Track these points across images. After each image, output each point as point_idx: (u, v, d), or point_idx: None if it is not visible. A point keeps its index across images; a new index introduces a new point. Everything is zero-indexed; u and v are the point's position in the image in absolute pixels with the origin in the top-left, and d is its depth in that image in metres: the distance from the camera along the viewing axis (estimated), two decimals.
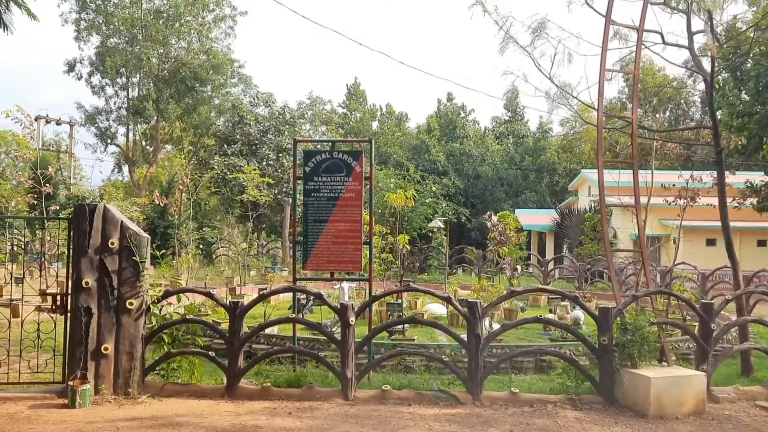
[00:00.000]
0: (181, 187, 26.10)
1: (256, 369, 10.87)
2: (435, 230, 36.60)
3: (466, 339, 9.31)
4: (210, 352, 9.29)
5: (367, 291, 10.84)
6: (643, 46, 12.01)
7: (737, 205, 23.43)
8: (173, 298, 10.09)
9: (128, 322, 8.83)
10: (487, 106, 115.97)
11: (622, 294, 10.74)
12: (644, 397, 8.89)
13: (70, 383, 8.41)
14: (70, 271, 8.90)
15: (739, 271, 11.87)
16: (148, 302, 9.11)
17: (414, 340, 12.78)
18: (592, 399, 9.33)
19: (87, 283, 8.69)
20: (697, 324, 10.51)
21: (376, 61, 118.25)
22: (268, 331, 12.97)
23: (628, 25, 11.92)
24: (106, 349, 8.70)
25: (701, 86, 51.11)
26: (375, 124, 67.27)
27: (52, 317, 9.10)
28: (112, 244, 8.77)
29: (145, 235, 9.04)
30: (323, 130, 57.26)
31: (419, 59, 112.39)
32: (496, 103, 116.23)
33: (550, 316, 16.32)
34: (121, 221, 8.90)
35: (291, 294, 11.20)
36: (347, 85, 68.85)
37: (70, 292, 8.88)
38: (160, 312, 9.46)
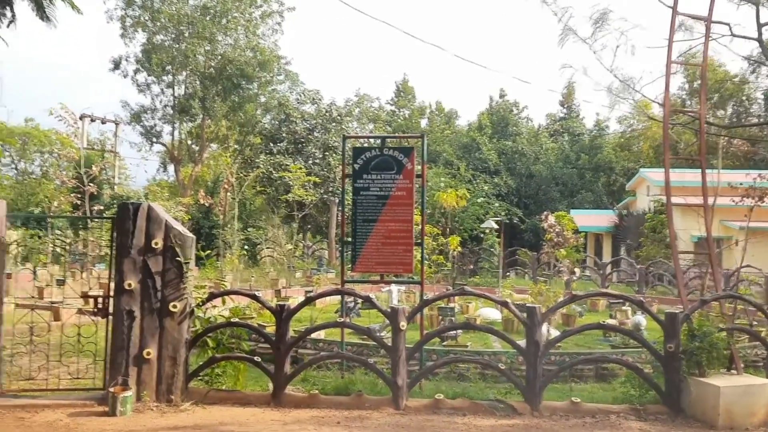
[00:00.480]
0: (226, 187, 25.97)
1: (303, 375, 10.51)
2: (487, 231, 35.97)
3: (524, 346, 8.81)
4: (255, 357, 8.95)
5: (417, 294, 10.44)
6: (711, 38, 11.34)
7: None
8: (217, 301, 9.78)
9: (171, 325, 8.54)
10: (541, 103, 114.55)
11: (687, 299, 10.12)
12: (713, 407, 8.31)
13: (111, 390, 8.14)
14: (112, 272, 8.64)
15: None
16: (192, 305, 8.81)
17: (467, 346, 12.28)
18: (657, 409, 8.77)
19: (130, 284, 8.42)
20: (765, 330, 9.88)
21: (426, 57, 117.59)
22: (314, 335, 12.65)
23: (695, 16, 11.25)
24: (148, 353, 8.42)
25: (766, 82, 49.41)
26: (424, 122, 66.53)
27: (93, 320, 8.87)
28: (156, 244, 8.50)
29: (190, 235, 8.75)
30: (371, 127, 56.92)
31: (471, 53, 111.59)
32: (550, 99, 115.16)
33: (610, 321, 15.68)
34: (166, 221, 8.62)
35: (338, 297, 10.80)
36: (396, 82, 68.52)
37: (112, 294, 8.63)
38: (204, 315, 9.17)
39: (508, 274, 34.35)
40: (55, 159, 50.16)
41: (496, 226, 23.46)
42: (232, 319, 9.26)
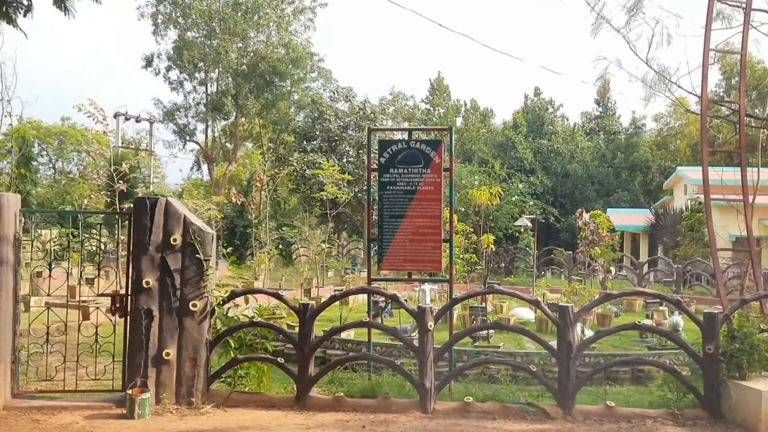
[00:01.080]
0: (258, 185, 25.82)
1: (330, 377, 10.25)
2: (522, 230, 35.49)
3: (556, 347, 8.46)
4: (279, 359, 8.71)
5: (447, 295, 10.13)
6: (750, 26, 10.87)
7: None
8: (243, 300, 9.55)
9: (191, 325, 8.33)
10: (576, 101, 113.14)
11: (727, 298, 9.68)
12: (755, 412, 7.88)
13: (129, 392, 7.95)
14: (130, 270, 8.45)
15: None
16: (213, 304, 8.60)
17: (499, 347, 11.97)
18: (695, 414, 8.36)
19: (148, 282, 8.22)
20: None
21: (460, 54, 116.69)
22: (343, 335, 12.41)
23: (734, 3, 10.81)
24: (167, 354, 8.22)
25: None
26: (459, 120, 66.20)
27: (111, 320, 8.69)
28: (175, 240, 8.29)
29: (210, 230, 8.53)
30: (406, 126, 56.61)
31: (504, 46, 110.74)
32: (586, 98, 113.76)
33: (647, 321, 15.24)
34: (184, 216, 8.41)
35: (379, 294, 10.52)
36: (430, 80, 68.05)
37: (129, 292, 8.44)
38: (226, 314, 8.95)
39: (543, 273, 33.88)
40: (91, 158, 50.51)
41: (530, 224, 23.01)
42: (255, 319, 9.01)
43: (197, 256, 8.33)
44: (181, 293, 8.31)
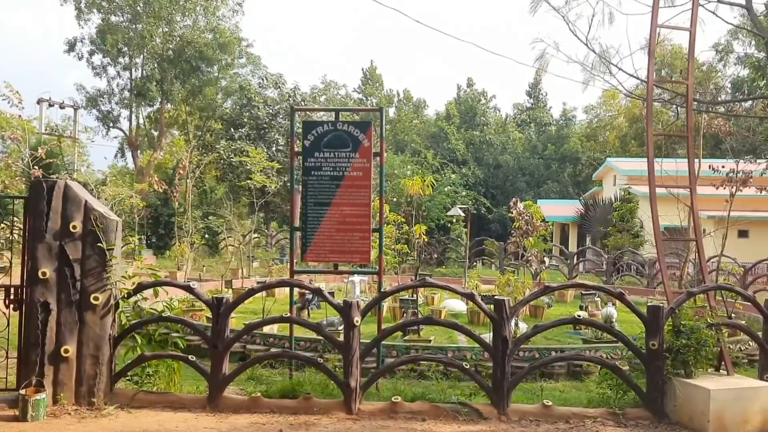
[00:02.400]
0: (181, 172, 24.73)
1: (250, 374, 9.55)
2: (454, 221, 35.18)
3: (490, 342, 7.91)
4: (191, 356, 7.93)
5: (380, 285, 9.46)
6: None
7: None
8: (163, 292, 8.72)
9: (93, 320, 7.48)
10: (508, 93, 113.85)
11: (674, 291, 9.27)
12: (702, 412, 7.47)
13: (22, 392, 7.07)
14: (25, 259, 7.55)
15: None
16: (118, 297, 7.77)
17: (430, 341, 11.37)
18: (638, 413, 7.91)
19: (44, 273, 7.33)
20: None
21: (393, 42, 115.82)
22: (266, 329, 11.67)
23: None
24: (66, 351, 7.36)
25: (731, 70, 49.20)
26: (392, 111, 65.85)
27: (5, 313, 7.78)
28: (74, 228, 7.42)
29: (115, 217, 7.68)
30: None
31: (440, 26, 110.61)
32: (517, 89, 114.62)
33: (580, 312, 14.91)
34: (85, 201, 7.53)
35: (300, 288, 9.75)
36: (363, 69, 67.42)
37: (24, 284, 7.54)
38: (133, 308, 8.13)
39: (474, 264, 33.71)
40: (14, 144, 48.16)
41: (462, 214, 22.57)
42: (164, 313, 8.19)
43: (99, 244, 7.48)
44: (82, 285, 7.46)
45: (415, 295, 15.28)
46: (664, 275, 8.82)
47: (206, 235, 33.78)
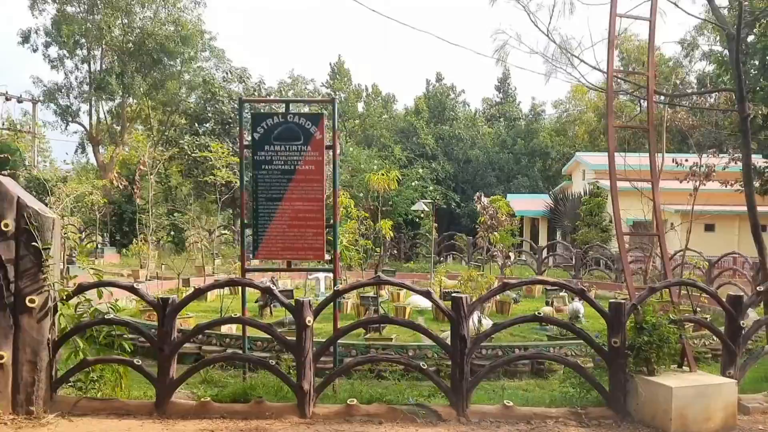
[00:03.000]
0: (142, 167, 24.19)
1: (203, 376, 9.22)
2: (422, 216, 34.94)
3: (449, 341, 7.65)
4: (136, 359, 7.57)
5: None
6: None
7: (740, 188, 22.54)
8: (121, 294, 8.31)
9: (29, 323, 7.09)
10: (477, 87, 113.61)
11: (637, 286, 9.07)
12: (665, 410, 7.28)
13: None
14: None
15: (767, 257, 10.26)
16: (57, 299, 7.38)
17: (392, 339, 11.09)
18: (600, 413, 7.70)
19: None
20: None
21: (361, 37, 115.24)
22: (225, 329, 11.35)
23: None
24: (1, 357, 6.97)
25: (697, 66, 49.58)
26: (360, 106, 65.34)
27: None
28: (6, 226, 7.00)
29: (51, 215, 7.27)
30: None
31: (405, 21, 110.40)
32: (487, 84, 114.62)
33: (546, 309, 14.79)
34: (18, 198, 7.12)
35: (263, 285, 9.34)
36: (331, 64, 66.71)
37: None
38: (78, 310, 7.76)
39: (442, 259, 33.56)
40: None
41: (426, 209, 22.29)
42: (107, 316, 7.80)
43: (34, 244, 7.08)
44: (16, 287, 7.05)
45: (376, 293, 15.03)
46: (627, 271, 8.62)
47: (172, 233, 33.24)
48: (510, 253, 18.65)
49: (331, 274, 19.78)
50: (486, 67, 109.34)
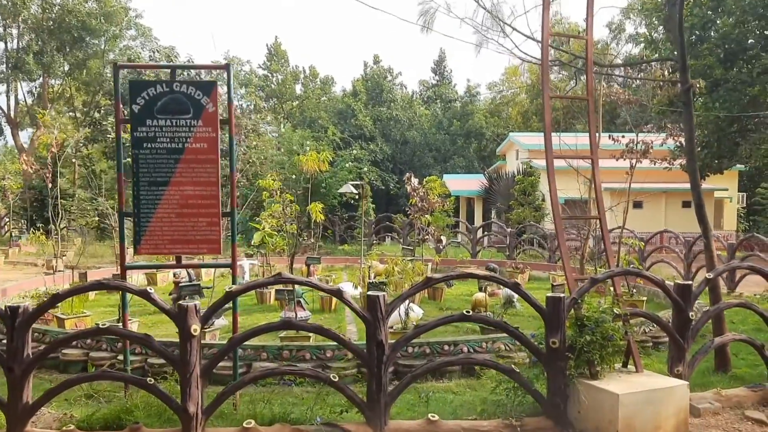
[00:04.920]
0: (54, 150, 22.42)
1: (86, 389, 7.93)
2: (356, 198, 33.91)
3: (366, 347, 6.57)
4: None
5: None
6: None
7: (668, 166, 22.45)
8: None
9: None
10: (414, 70, 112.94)
11: (576, 276, 8.10)
12: (610, 420, 6.39)
13: None
14: None
15: (712, 240, 9.45)
16: None
17: (310, 338, 9.92)
18: (538, 423, 6.73)
19: None
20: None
21: (298, 18, 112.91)
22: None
23: None
24: None
25: (625, 48, 49.68)
26: (299, 88, 63.99)
27: None
28: None
29: None
30: (242, 92, 53.63)
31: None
32: (423, 66, 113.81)
33: (479, 295, 13.86)
34: None
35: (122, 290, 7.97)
36: (267, 45, 65.08)
37: None
38: None
39: (375, 241, 32.67)
40: None
41: (354, 191, 21.13)
42: None
43: None
44: None
45: (313, 277, 13.88)
46: (565, 258, 7.66)
47: (96, 218, 31.43)
48: (442, 236, 17.63)
49: (255, 260, 18.66)
50: (422, 48, 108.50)
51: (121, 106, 8.11)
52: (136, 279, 18.73)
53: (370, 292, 6.51)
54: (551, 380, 6.77)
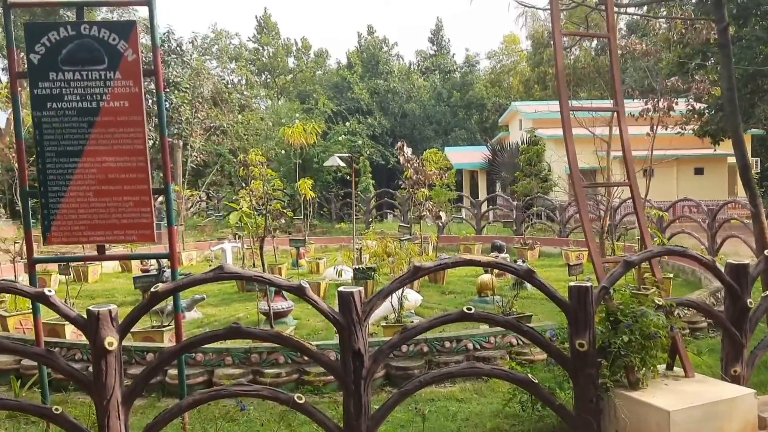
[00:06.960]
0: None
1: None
2: (361, 173, 32.59)
3: (340, 359, 5.05)
4: None
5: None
6: None
7: (680, 131, 20.98)
8: None
9: None
10: (410, 40, 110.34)
11: (606, 260, 6.54)
12: None
13: None
14: None
15: (761, 208, 7.92)
16: None
17: (293, 333, 8.38)
18: None
19: None
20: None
21: None
22: (71, 335, 8.57)
23: None
24: None
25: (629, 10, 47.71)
26: (291, 60, 62.28)
27: None
28: None
29: None
30: (233, 66, 52.06)
31: None
32: (420, 36, 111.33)
33: (485, 277, 12.48)
34: None
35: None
36: (257, 17, 63.20)
37: None
38: None
39: (377, 218, 31.47)
40: None
41: (342, 164, 19.57)
42: None
43: None
44: None
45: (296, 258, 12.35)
46: (590, 239, 6.11)
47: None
48: (441, 212, 16.07)
49: (238, 243, 17.07)
50: (417, 16, 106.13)
51: (19, 57, 6.47)
52: (110, 266, 17.21)
53: (341, 289, 4.97)
54: (579, 391, 5.25)
